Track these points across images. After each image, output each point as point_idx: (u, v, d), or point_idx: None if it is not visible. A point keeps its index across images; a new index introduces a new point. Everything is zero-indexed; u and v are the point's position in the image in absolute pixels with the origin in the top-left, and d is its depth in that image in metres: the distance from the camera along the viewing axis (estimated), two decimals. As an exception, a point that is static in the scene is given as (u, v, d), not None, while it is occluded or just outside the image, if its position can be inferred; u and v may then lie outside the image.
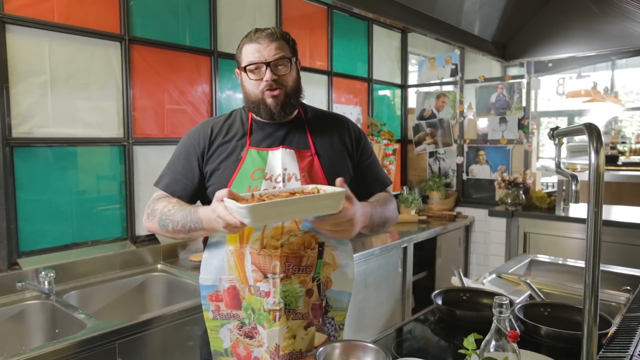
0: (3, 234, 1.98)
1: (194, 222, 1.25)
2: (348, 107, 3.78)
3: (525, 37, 2.81)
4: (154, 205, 1.36)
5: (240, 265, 1.30)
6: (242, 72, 1.35)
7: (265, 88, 1.30)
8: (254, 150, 1.34)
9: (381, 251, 3.00)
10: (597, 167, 0.95)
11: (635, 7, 2.24)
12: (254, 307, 1.30)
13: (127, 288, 2.26)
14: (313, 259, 1.31)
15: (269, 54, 1.29)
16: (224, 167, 1.34)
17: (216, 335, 1.36)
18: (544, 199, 3.77)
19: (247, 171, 1.32)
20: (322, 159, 1.37)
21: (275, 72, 1.30)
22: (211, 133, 1.39)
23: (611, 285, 1.95)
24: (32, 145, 2.07)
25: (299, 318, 1.30)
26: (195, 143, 1.38)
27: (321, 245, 1.32)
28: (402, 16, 2.01)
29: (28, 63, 2.04)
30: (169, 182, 1.39)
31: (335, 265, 1.35)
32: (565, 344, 1.37)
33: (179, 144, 1.44)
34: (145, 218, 1.38)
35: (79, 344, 1.55)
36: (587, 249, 0.98)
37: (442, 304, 1.62)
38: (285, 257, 1.27)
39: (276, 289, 1.27)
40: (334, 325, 1.38)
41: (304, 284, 1.30)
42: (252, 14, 2.97)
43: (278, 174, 1.31)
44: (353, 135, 1.47)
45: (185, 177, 1.38)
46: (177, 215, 1.28)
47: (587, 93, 5.75)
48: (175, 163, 1.41)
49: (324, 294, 1.34)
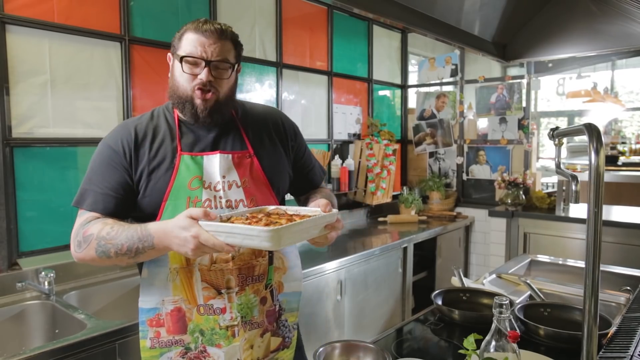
0: (3, 234, 1.98)
1: (142, 241, 1.10)
2: (348, 107, 3.78)
3: (525, 37, 2.81)
4: (85, 230, 1.16)
5: (188, 284, 1.20)
6: (175, 61, 1.23)
7: (197, 86, 1.19)
8: (187, 156, 1.21)
9: (381, 251, 3.00)
10: (597, 167, 0.95)
11: (635, 7, 2.24)
12: (203, 329, 1.21)
13: (127, 288, 2.25)
14: (265, 267, 1.26)
15: (213, 52, 1.17)
16: (156, 177, 1.20)
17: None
18: (544, 199, 3.77)
19: (183, 180, 1.20)
20: (261, 160, 1.29)
21: (214, 74, 1.19)
22: (135, 136, 1.22)
23: (611, 285, 1.95)
24: (32, 145, 2.07)
25: (255, 327, 1.25)
26: (119, 150, 1.21)
27: (271, 251, 1.27)
28: (402, 16, 2.01)
29: (28, 63, 2.04)
30: (96, 199, 1.20)
31: (285, 268, 1.32)
32: (565, 344, 1.37)
33: (96, 154, 1.24)
34: (76, 248, 1.18)
35: (79, 344, 1.55)
36: (587, 249, 0.98)
37: (442, 304, 1.62)
38: (237, 270, 1.20)
39: (232, 304, 1.20)
40: (287, 326, 1.34)
41: (258, 293, 1.25)
42: (252, 14, 2.97)
43: (217, 181, 1.21)
44: (288, 129, 1.39)
45: (114, 190, 1.20)
46: (120, 237, 1.12)
47: (587, 93, 5.75)
48: (97, 177, 1.21)
49: (277, 299, 1.30)
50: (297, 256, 1.37)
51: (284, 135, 1.38)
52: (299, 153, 1.42)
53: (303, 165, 1.44)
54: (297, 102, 3.32)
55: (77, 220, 1.22)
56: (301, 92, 3.36)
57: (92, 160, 1.25)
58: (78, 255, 1.19)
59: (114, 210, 1.21)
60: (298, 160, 1.42)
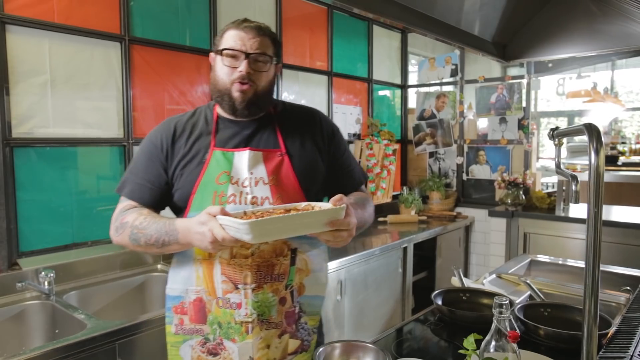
0: (3, 234, 1.98)
1: (168, 234, 1.17)
2: (348, 107, 3.78)
3: (525, 38, 2.81)
4: (123, 217, 1.26)
5: (208, 275, 1.23)
6: (217, 56, 1.26)
7: (237, 79, 1.22)
8: (219, 152, 1.26)
9: (381, 251, 3.00)
10: (597, 168, 0.95)
11: (635, 7, 2.24)
12: (220, 321, 1.23)
13: (127, 288, 2.25)
14: (286, 266, 1.24)
15: (252, 46, 1.22)
16: (188, 170, 1.26)
17: (176, 352, 1.28)
18: (544, 199, 3.77)
19: (212, 175, 1.24)
20: (293, 159, 1.29)
21: (253, 67, 1.22)
22: (174, 132, 1.29)
23: (611, 285, 1.95)
24: (32, 145, 2.07)
25: (272, 327, 1.25)
26: (158, 145, 1.29)
27: (293, 252, 1.26)
28: (402, 16, 2.01)
29: (28, 63, 2.04)
30: (133, 188, 1.29)
31: (308, 270, 1.30)
32: (565, 344, 1.37)
33: (140, 146, 1.34)
34: (114, 232, 1.28)
35: (79, 344, 1.55)
36: (587, 249, 0.98)
37: (442, 304, 1.62)
38: (256, 266, 1.21)
39: (248, 300, 1.20)
40: (307, 330, 1.32)
41: (277, 292, 1.24)
42: (252, 14, 2.97)
43: (245, 177, 1.24)
44: (325, 130, 1.38)
45: (150, 182, 1.28)
46: (150, 228, 1.20)
47: (587, 93, 5.75)
48: (137, 167, 1.31)
49: (297, 301, 1.28)
50: (324, 260, 1.34)
51: (321, 136, 1.37)
52: (337, 153, 1.40)
53: (341, 165, 1.41)
54: (297, 102, 3.32)
55: (117, 206, 1.32)
56: (301, 92, 3.36)
57: (136, 152, 1.35)
58: (115, 239, 1.30)
59: (149, 200, 1.29)
60: (336, 160, 1.40)
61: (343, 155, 1.42)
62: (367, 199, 1.42)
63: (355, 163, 1.48)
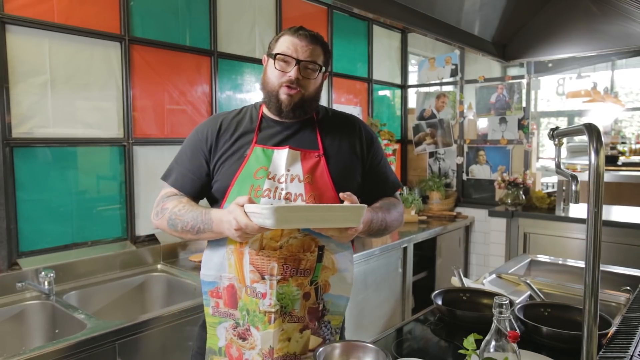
0: (3, 234, 1.98)
1: (204, 223, 1.25)
2: (348, 107, 3.78)
3: (525, 38, 2.81)
4: (164, 203, 1.35)
5: (239, 264, 1.29)
6: (269, 59, 1.33)
7: (285, 83, 1.29)
8: (259, 148, 1.32)
9: (381, 251, 3.00)
10: (597, 168, 0.95)
11: (635, 7, 2.24)
12: (249, 308, 1.28)
13: (127, 288, 2.25)
14: (312, 262, 1.28)
15: (304, 53, 1.29)
16: (229, 164, 1.33)
17: (214, 332, 1.35)
18: (544, 199, 3.77)
19: (250, 169, 1.30)
20: (329, 161, 1.34)
21: (302, 73, 1.29)
22: (219, 128, 1.37)
23: (611, 285, 1.95)
24: (32, 145, 2.07)
25: (294, 321, 1.28)
26: (203, 138, 1.36)
27: (321, 249, 1.29)
28: (402, 16, 2.01)
29: (28, 63, 2.04)
30: (177, 177, 1.38)
31: (334, 269, 1.33)
32: (565, 344, 1.37)
33: (187, 138, 1.42)
34: (154, 215, 1.37)
35: (79, 344, 1.55)
36: (587, 249, 0.98)
37: (442, 304, 1.62)
38: (283, 259, 1.25)
39: (272, 291, 1.25)
40: (330, 329, 1.35)
41: (302, 287, 1.28)
42: (252, 14, 2.97)
43: (281, 174, 1.29)
44: (365, 138, 1.44)
45: (192, 172, 1.36)
46: (187, 215, 1.28)
47: (587, 93, 5.75)
48: (182, 158, 1.39)
49: (321, 298, 1.32)
50: (350, 261, 1.36)
51: (360, 142, 1.42)
52: (374, 161, 1.45)
53: (377, 173, 1.46)
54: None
55: (161, 191, 1.41)
56: (301, 92, 3.36)
57: (184, 143, 1.42)
58: (155, 222, 1.37)
59: (190, 189, 1.37)
60: (372, 167, 1.45)
61: (380, 163, 1.47)
62: (395, 204, 1.48)
63: (390, 171, 1.53)
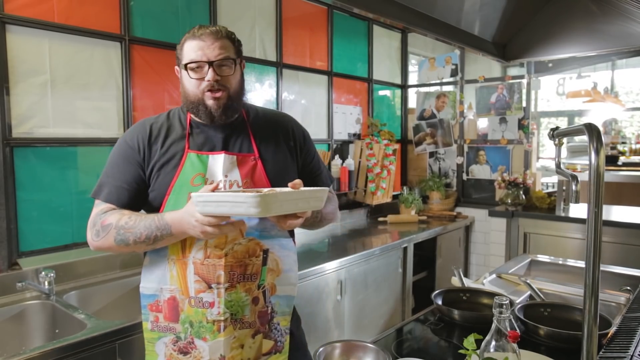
0: (3, 234, 1.98)
1: (160, 229, 1.19)
2: (348, 107, 3.79)
3: (525, 37, 2.81)
4: (103, 220, 1.25)
5: (182, 275, 1.25)
6: (182, 70, 1.28)
7: (207, 88, 1.25)
8: (194, 154, 1.28)
9: (381, 251, 3.00)
10: (597, 167, 0.95)
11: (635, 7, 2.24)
12: (192, 320, 1.25)
13: (127, 288, 2.25)
14: (258, 267, 1.27)
15: (213, 53, 1.23)
16: (164, 172, 1.28)
17: (152, 348, 1.30)
18: (544, 199, 3.77)
19: (187, 177, 1.26)
20: (266, 164, 1.32)
21: (219, 73, 1.24)
22: (150, 134, 1.31)
23: (611, 285, 1.95)
24: (32, 145, 2.07)
25: (246, 327, 1.26)
26: (135, 146, 1.30)
27: (265, 252, 1.28)
28: (402, 16, 2.01)
29: (28, 63, 2.04)
30: (111, 190, 1.29)
31: (279, 270, 1.32)
32: (565, 344, 1.37)
33: (115, 148, 1.34)
34: (93, 236, 1.26)
35: (79, 344, 1.55)
36: (587, 249, 0.98)
37: (442, 304, 1.62)
38: (229, 266, 1.23)
39: (221, 299, 1.22)
40: (280, 330, 1.33)
41: (250, 292, 1.26)
42: (252, 14, 2.97)
43: (219, 180, 1.25)
44: (297, 137, 1.43)
45: (127, 184, 1.29)
46: (139, 226, 1.21)
47: (587, 93, 5.76)
48: (113, 170, 1.31)
49: (269, 301, 1.31)
50: (294, 261, 1.36)
51: (293, 141, 1.42)
52: (307, 158, 1.46)
53: (311, 170, 1.46)
54: (297, 102, 3.32)
55: (93, 210, 1.31)
56: (301, 92, 3.36)
57: (111, 155, 1.34)
58: (95, 244, 1.27)
59: (127, 202, 1.29)
60: (306, 165, 1.45)
61: (313, 160, 1.48)
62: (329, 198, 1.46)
63: (323, 166, 1.53)
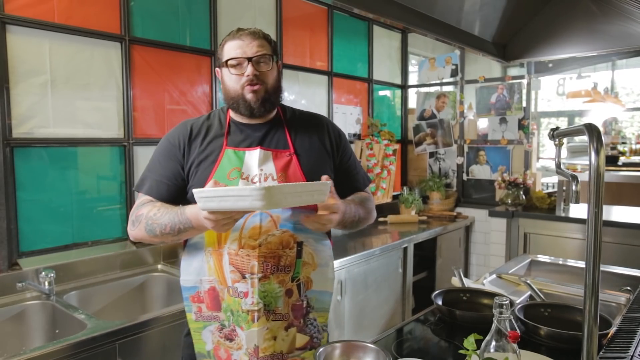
0: (3, 234, 1.98)
1: (182, 222, 1.25)
2: (348, 107, 3.78)
3: (525, 38, 2.81)
4: (138, 211, 1.34)
5: (218, 266, 1.29)
6: (222, 68, 1.37)
7: (246, 83, 1.32)
8: (231, 151, 1.34)
9: (381, 251, 3.00)
10: (597, 168, 0.95)
11: (635, 7, 2.24)
12: (232, 309, 1.29)
13: (127, 288, 2.25)
14: (292, 259, 1.30)
15: (251, 50, 1.31)
16: (202, 168, 1.34)
17: (199, 337, 1.35)
18: (544, 199, 3.77)
19: (223, 171, 1.32)
20: (301, 159, 1.37)
21: (257, 68, 1.32)
22: (190, 133, 1.38)
23: (611, 285, 1.95)
24: (33, 145, 2.07)
25: (279, 319, 1.29)
26: (175, 144, 1.38)
27: (299, 245, 1.31)
28: (402, 16, 2.01)
29: (28, 63, 2.04)
30: (151, 184, 1.37)
31: (314, 264, 1.34)
32: (565, 344, 1.37)
33: (158, 146, 1.43)
34: (130, 226, 1.36)
35: (79, 344, 1.55)
36: (587, 250, 0.98)
37: (442, 305, 1.62)
38: (263, 257, 1.26)
39: (254, 289, 1.25)
40: (316, 326, 1.35)
41: (283, 284, 1.29)
42: (252, 14, 2.97)
43: (255, 174, 1.31)
44: (333, 136, 1.47)
45: (167, 179, 1.36)
46: (164, 218, 1.27)
47: (588, 93, 5.76)
48: (155, 166, 1.39)
49: (304, 295, 1.33)
50: (330, 257, 1.38)
51: (329, 139, 1.46)
52: (344, 157, 1.50)
53: (347, 169, 1.50)
54: (297, 102, 3.32)
55: (135, 202, 1.40)
56: (301, 92, 3.36)
57: (154, 151, 1.43)
58: (132, 233, 1.35)
59: (166, 196, 1.36)
60: (343, 164, 1.49)
61: (349, 159, 1.52)
62: (367, 198, 1.52)
63: (360, 167, 1.56)
